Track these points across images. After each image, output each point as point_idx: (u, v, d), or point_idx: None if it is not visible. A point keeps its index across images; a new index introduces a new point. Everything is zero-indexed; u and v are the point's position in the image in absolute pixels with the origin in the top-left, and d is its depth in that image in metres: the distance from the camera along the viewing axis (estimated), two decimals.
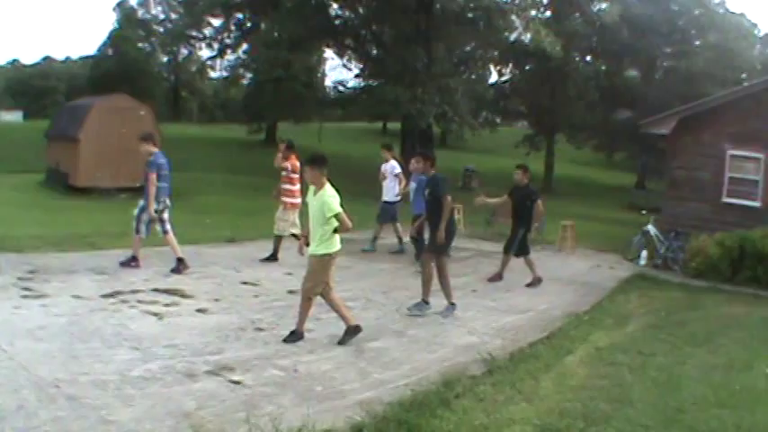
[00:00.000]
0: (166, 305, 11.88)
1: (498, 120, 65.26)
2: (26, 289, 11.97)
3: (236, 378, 8.63)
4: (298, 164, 16.17)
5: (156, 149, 14.61)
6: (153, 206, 14.25)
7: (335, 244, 10.55)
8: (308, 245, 10.73)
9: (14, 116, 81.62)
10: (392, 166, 19.46)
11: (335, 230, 10.40)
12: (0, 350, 8.72)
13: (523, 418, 7.98)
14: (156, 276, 13.92)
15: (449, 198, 13.15)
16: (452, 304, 13.18)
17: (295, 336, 10.46)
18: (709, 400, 9.18)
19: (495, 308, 14.14)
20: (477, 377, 9.41)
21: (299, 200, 16.35)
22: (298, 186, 16.37)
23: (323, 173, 10.50)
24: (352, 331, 10.68)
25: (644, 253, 22.35)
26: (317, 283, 10.43)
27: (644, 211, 26.46)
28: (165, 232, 14.71)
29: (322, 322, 11.38)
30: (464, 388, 8.77)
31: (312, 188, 10.59)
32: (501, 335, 12.03)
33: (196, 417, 7.32)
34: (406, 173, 18.98)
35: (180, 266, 14.52)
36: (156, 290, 12.81)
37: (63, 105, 48.86)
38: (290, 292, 12.64)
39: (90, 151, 31.33)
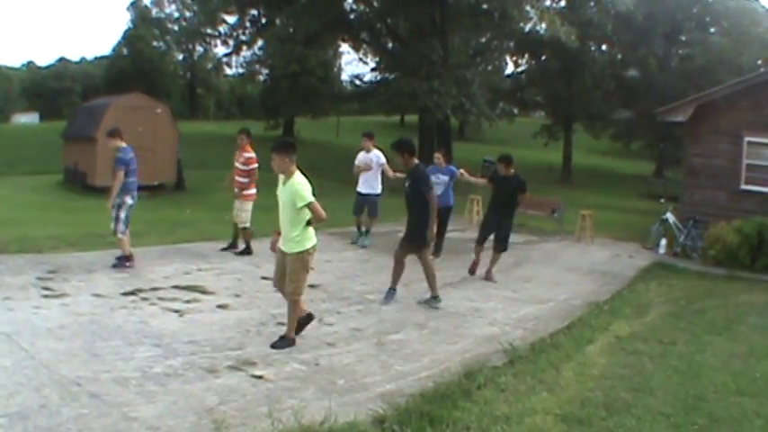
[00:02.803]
0: (187, 302, 11.92)
1: (515, 110, 65.15)
2: (46, 288, 12.01)
3: (257, 373, 8.67)
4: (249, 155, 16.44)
5: (123, 144, 14.42)
6: (113, 201, 14.01)
7: (311, 238, 9.90)
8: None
9: (30, 118, 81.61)
10: (377, 156, 18.58)
11: (308, 223, 9.73)
12: (21, 350, 8.76)
13: (545, 407, 8.00)
14: (176, 273, 13.96)
15: (432, 194, 13.02)
16: (436, 298, 13.14)
17: (285, 341, 9.90)
18: (730, 387, 9.21)
19: (516, 298, 14.16)
20: (498, 368, 9.43)
21: (253, 191, 16.56)
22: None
23: (292, 160, 9.65)
24: (291, 343, 9.86)
25: (663, 241, 22.35)
26: (299, 284, 9.90)
27: (662, 200, 26.44)
28: (123, 233, 14.22)
29: (342, 316, 11.45)
30: (485, 379, 8.79)
31: (281, 178, 9.79)
32: (522, 325, 12.05)
33: (218, 412, 7.34)
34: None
35: (126, 262, 14.16)
36: (176, 287, 12.84)
37: (79, 106, 48.88)
38: (310, 286, 12.62)
39: (108, 150, 31.34)
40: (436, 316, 12.13)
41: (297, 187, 9.48)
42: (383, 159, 18.44)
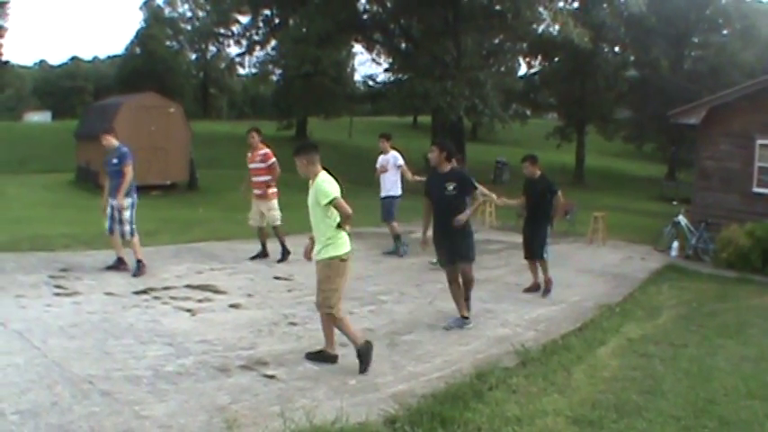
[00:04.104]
0: (199, 301, 11.94)
1: (528, 112, 65.17)
2: (58, 287, 12.05)
3: (269, 372, 8.67)
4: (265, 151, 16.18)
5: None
6: (124, 199, 13.77)
7: (345, 244, 9.13)
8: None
9: (43, 116, 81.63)
10: (394, 157, 17.97)
11: (338, 225, 9.01)
12: (33, 348, 8.79)
13: (556, 409, 7.99)
14: (188, 272, 13.99)
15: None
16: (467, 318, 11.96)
17: (322, 356, 9.34)
18: (740, 390, 9.18)
19: (528, 300, 14.11)
20: (510, 369, 9.40)
21: (275, 189, 16.36)
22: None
23: (312, 160, 9.06)
24: (366, 351, 9.15)
25: (675, 244, 22.27)
26: (328, 294, 9.04)
27: (674, 202, 26.41)
28: (132, 234, 13.92)
29: (355, 316, 11.37)
30: (497, 380, 8.77)
31: (310, 182, 9.13)
32: (534, 327, 12.02)
33: (230, 411, 7.35)
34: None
35: (122, 265, 13.92)
36: (188, 286, 12.87)
37: (91, 105, 48.93)
38: None
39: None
40: (447, 317, 12.06)
41: (320, 186, 8.90)
42: (401, 161, 17.94)
